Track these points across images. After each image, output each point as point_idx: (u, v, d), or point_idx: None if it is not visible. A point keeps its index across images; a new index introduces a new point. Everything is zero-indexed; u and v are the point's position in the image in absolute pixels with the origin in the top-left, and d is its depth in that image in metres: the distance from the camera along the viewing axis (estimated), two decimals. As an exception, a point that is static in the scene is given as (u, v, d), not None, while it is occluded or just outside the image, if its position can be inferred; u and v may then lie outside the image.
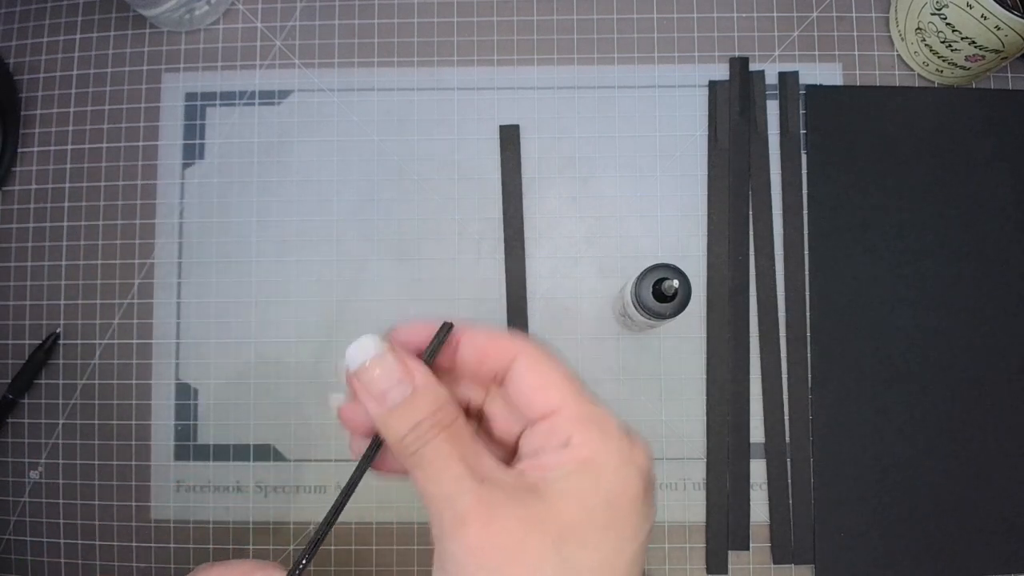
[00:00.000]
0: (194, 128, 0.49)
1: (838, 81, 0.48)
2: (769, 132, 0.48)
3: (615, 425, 0.23)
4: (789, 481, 0.45)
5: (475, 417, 0.26)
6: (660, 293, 0.37)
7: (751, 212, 0.47)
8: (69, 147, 0.49)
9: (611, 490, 0.22)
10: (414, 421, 0.22)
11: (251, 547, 0.46)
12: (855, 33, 0.49)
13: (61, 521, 0.46)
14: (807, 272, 0.46)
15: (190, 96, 0.49)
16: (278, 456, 0.46)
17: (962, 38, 0.43)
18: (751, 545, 0.45)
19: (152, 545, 0.46)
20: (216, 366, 0.47)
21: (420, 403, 0.23)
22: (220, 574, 0.25)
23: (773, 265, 0.47)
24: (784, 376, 0.46)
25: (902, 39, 0.47)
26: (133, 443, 0.47)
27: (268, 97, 0.49)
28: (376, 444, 0.24)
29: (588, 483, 0.22)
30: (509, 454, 0.25)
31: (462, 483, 0.22)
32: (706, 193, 0.47)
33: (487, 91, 0.49)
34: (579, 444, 0.22)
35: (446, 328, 0.25)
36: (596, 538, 0.22)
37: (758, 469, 0.45)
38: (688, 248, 0.47)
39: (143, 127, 0.49)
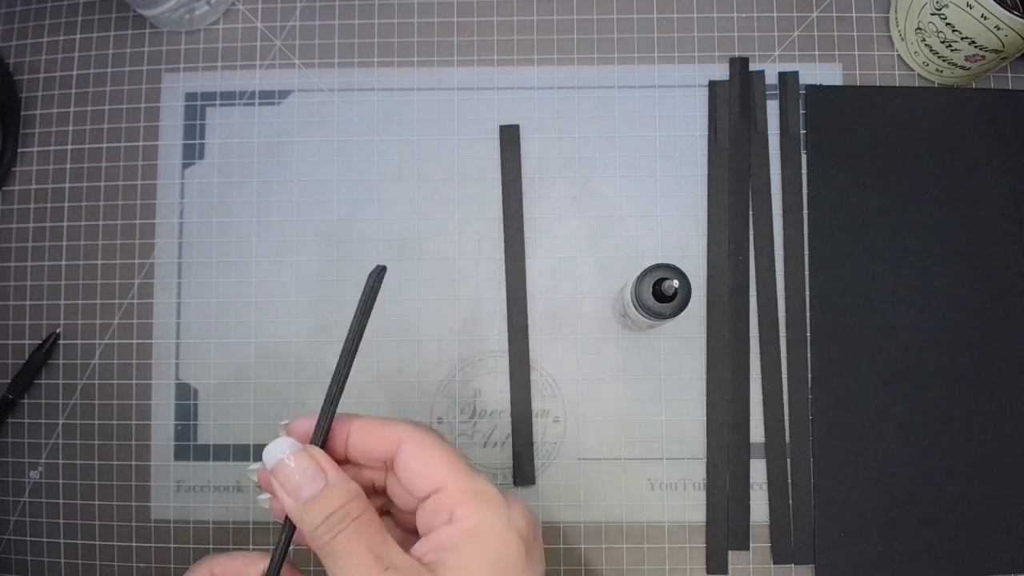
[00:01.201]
0: (194, 128, 0.49)
1: (838, 81, 0.48)
2: (769, 132, 0.48)
3: (494, 493, 0.26)
4: (789, 481, 0.45)
5: (381, 495, 0.29)
6: (660, 293, 0.37)
7: (751, 212, 0.47)
8: (69, 147, 0.49)
9: (495, 556, 0.25)
10: (326, 513, 0.25)
11: (251, 547, 0.46)
12: (855, 33, 0.49)
13: (61, 521, 0.46)
14: (807, 272, 0.47)
15: (190, 96, 0.49)
16: (278, 456, 0.46)
17: (962, 38, 0.43)
18: (751, 545, 0.45)
19: (152, 545, 0.46)
20: (216, 366, 0.47)
21: (331, 496, 0.25)
22: (223, 563, 0.27)
23: (773, 265, 0.47)
24: (784, 376, 0.46)
25: (902, 39, 0.47)
26: (133, 443, 0.47)
27: (268, 97, 0.49)
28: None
29: (475, 555, 0.25)
30: (412, 531, 0.28)
31: (370, 570, 0.24)
32: (706, 193, 0.47)
33: (487, 91, 0.49)
34: (462, 517, 0.25)
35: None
36: None
37: (758, 469, 0.45)
38: (688, 248, 0.47)
39: (143, 127, 0.49)
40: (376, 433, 0.27)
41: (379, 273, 0.29)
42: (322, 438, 0.27)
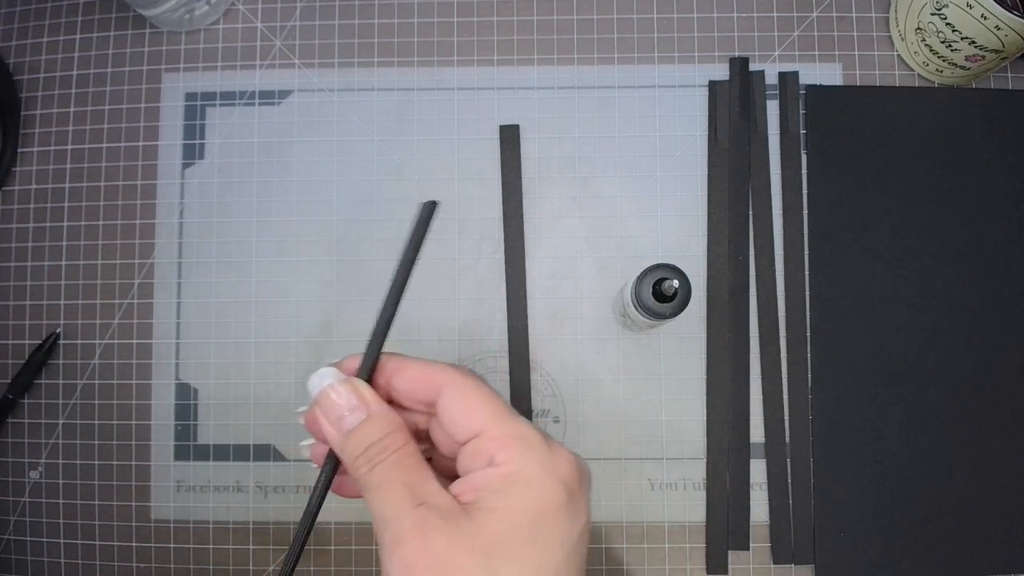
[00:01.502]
0: (194, 128, 0.49)
1: (838, 81, 0.48)
2: (769, 132, 0.48)
3: (537, 439, 0.25)
4: (789, 481, 0.45)
5: (425, 440, 0.28)
6: (660, 293, 0.37)
7: (751, 212, 0.47)
8: (69, 147, 0.49)
9: (535, 503, 0.24)
10: (367, 443, 0.25)
11: (251, 547, 0.46)
12: (855, 33, 0.49)
13: (61, 521, 0.46)
14: (807, 272, 0.46)
15: (190, 96, 0.49)
16: (278, 456, 0.46)
17: (962, 38, 0.43)
18: (751, 545, 0.45)
19: (152, 545, 0.46)
20: (216, 366, 0.47)
21: (372, 427, 0.25)
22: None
23: (773, 265, 0.47)
24: (784, 376, 0.46)
25: (902, 39, 0.47)
26: (133, 443, 0.47)
27: (268, 97, 0.49)
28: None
29: (514, 499, 0.24)
30: (455, 478, 0.27)
31: (403, 506, 0.24)
32: (706, 193, 0.47)
33: (487, 91, 0.49)
34: (503, 461, 0.25)
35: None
36: (522, 551, 0.24)
37: (758, 469, 0.45)
38: (688, 248, 0.47)
39: (143, 127, 0.49)
40: (419, 375, 0.27)
41: (432, 207, 0.28)
42: (367, 373, 0.27)
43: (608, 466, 0.46)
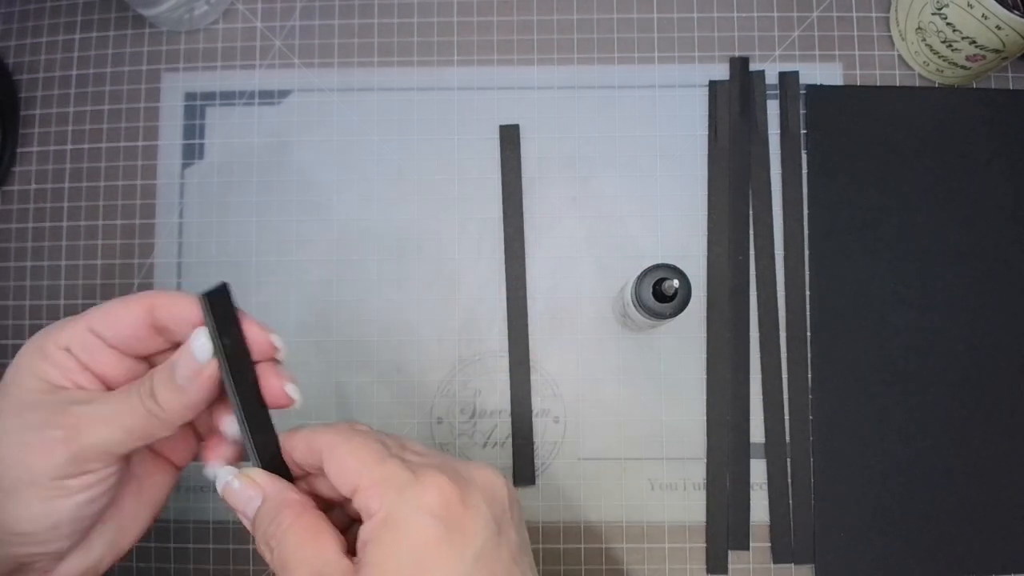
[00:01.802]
0: (194, 128, 0.49)
1: (838, 81, 0.48)
2: (769, 132, 0.48)
3: (401, 476, 0.25)
4: (789, 481, 0.45)
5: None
6: (660, 293, 0.37)
7: (751, 212, 0.47)
8: (69, 147, 0.49)
9: (406, 544, 0.24)
10: (266, 521, 0.26)
11: (251, 547, 0.46)
12: (855, 33, 0.49)
13: (61, 521, 0.46)
14: (807, 272, 0.46)
15: (190, 96, 0.49)
16: (278, 456, 0.46)
17: (962, 38, 0.43)
18: (751, 545, 0.45)
19: (152, 545, 0.46)
20: (216, 366, 0.47)
21: (265, 509, 0.26)
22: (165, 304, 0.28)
23: (773, 265, 0.47)
24: (784, 376, 0.46)
25: (902, 39, 0.47)
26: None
27: (268, 97, 0.49)
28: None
29: (387, 546, 0.24)
30: None
31: None
32: (706, 193, 0.47)
33: (487, 91, 0.49)
34: (375, 510, 0.24)
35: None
36: None
37: (758, 469, 0.45)
38: (688, 248, 0.47)
39: (143, 127, 0.49)
40: (302, 445, 0.28)
41: (216, 294, 0.27)
42: (258, 459, 0.28)
43: (608, 466, 0.46)
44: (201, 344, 0.26)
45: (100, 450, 0.26)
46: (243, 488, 0.27)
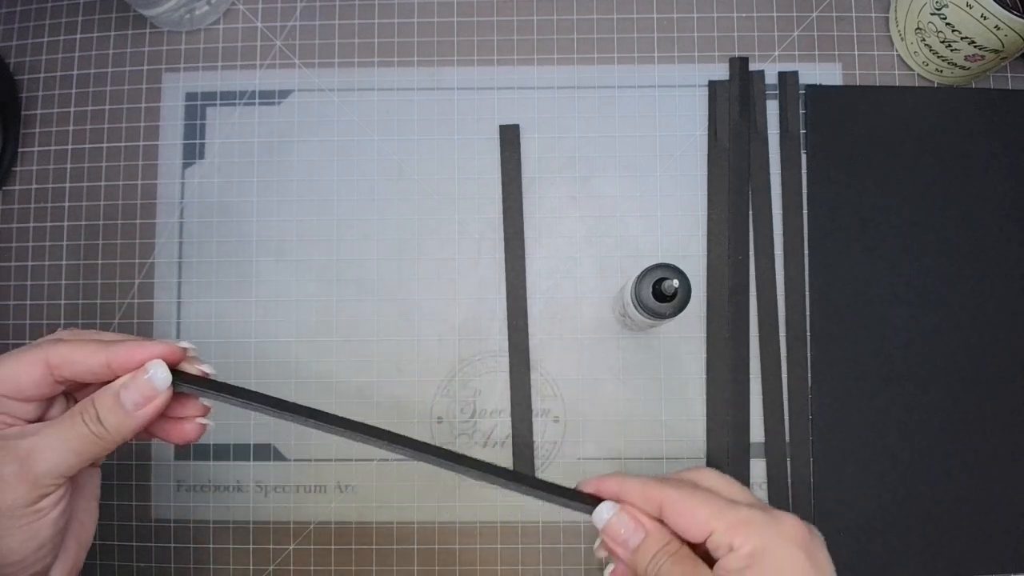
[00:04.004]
0: (194, 128, 0.49)
1: (838, 81, 0.48)
2: (769, 132, 0.48)
3: (759, 516, 0.29)
4: (789, 481, 0.45)
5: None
6: (660, 293, 0.37)
7: (751, 212, 0.47)
8: (69, 147, 0.49)
9: (784, 566, 0.28)
10: (651, 554, 0.30)
11: (251, 547, 0.46)
12: (855, 33, 0.49)
13: (61, 521, 0.46)
14: (807, 272, 0.47)
15: (190, 96, 0.49)
16: (278, 456, 0.46)
17: (962, 38, 0.43)
18: (751, 545, 0.45)
19: (152, 545, 0.46)
20: (216, 366, 0.47)
21: (651, 542, 0.31)
22: (61, 353, 0.29)
23: (773, 265, 0.47)
24: (784, 376, 0.46)
25: (902, 39, 0.47)
26: (133, 443, 0.47)
27: (268, 97, 0.49)
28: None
29: (762, 570, 0.28)
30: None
31: None
32: (706, 193, 0.47)
33: (487, 91, 0.49)
34: (740, 545, 0.29)
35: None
36: None
37: (758, 469, 0.45)
38: (688, 248, 0.47)
39: (143, 127, 0.49)
40: (637, 494, 0.32)
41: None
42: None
43: (608, 466, 0.46)
44: (162, 375, 0.31)
45: (55, 475, 0.29)
46: (629, 523, 0.31)
